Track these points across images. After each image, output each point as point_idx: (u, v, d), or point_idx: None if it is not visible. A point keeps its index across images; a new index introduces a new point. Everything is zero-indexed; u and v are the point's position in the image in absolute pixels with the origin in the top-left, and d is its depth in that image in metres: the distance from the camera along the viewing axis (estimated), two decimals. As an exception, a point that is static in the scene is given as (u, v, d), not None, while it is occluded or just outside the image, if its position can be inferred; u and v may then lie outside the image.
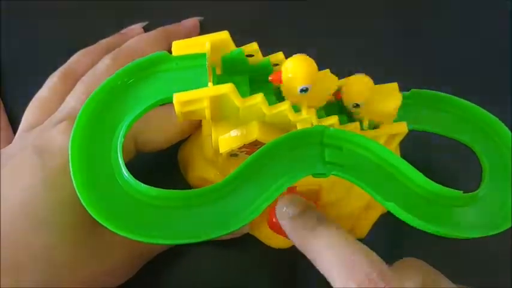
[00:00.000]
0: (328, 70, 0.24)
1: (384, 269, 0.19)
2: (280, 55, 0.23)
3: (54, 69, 0.30)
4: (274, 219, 0.24)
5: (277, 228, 0.24)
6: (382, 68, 0.24)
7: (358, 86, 0.23)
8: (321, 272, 0.21)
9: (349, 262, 0.19)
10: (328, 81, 0.23)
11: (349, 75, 0.24)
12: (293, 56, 0.22)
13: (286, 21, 0.35)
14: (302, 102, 0.22)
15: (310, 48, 0.28)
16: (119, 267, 0.25)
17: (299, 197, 0.23)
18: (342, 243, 0.20)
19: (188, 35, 0.33)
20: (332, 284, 0.20)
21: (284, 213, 0.23)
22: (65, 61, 0.30)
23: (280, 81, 0.22)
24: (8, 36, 0.34)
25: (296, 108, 0.22)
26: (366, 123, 0.24)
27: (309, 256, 0.21)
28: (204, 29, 0.34)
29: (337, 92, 0.24)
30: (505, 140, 0.25)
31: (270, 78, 0.22)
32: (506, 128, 0.25)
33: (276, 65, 0.24)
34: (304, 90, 0.21)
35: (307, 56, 0.21)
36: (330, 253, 0.20)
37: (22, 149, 0.24)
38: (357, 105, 0.24)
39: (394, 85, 0.24)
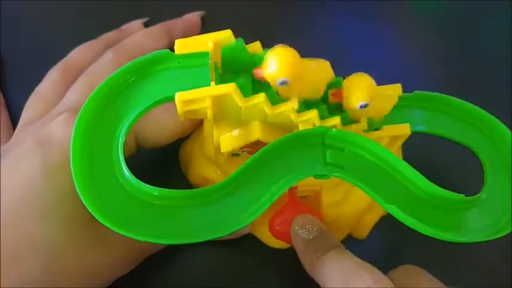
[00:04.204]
0: (322, 61, 0.23)
1: None
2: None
3: (55, 64, 0.29)
4: (277, 227, 0.24)
5: (279, 235, 0.24)
6: (382, 70, 0.24)
7: (364, 85, 0.22)
8: None
9: (353, 278, 0.19)
10: (321, 71, 0.23)
11: (343, 76, 0.24)
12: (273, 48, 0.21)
13: (286, 21, 0.35)
14: (289, 94, 0.21)
15: (311, 48, 0.28)
16: (118, 261, 0.25)
17: (314, 219, 0.23)
18: (352, 267, 0.20)
19: (189, 30, 0.33)
20: None
21: (299, 234, 0.23)
22: (65, 56, 0.30)
23: (262, 76, 0.21)
24: (8, 32, 0.34)
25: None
26: (365, 124, 0.24)
27: (317, 279, 0.21)
28: (206, 25, 0.34)
29: (338, 94, 0.23)
30: (505, 142, 0.24)
31: (252, 73, 0.22)
32: (507, 130, 0.24)
33: None
34: (284, 83, 0.21)
35: (287, 47, 0.20)
36: (338, 276, 0.20)
37: (22, 141, 0.24)
38: (365, 106, 0.22)
39: (397, 86, 0.24)
